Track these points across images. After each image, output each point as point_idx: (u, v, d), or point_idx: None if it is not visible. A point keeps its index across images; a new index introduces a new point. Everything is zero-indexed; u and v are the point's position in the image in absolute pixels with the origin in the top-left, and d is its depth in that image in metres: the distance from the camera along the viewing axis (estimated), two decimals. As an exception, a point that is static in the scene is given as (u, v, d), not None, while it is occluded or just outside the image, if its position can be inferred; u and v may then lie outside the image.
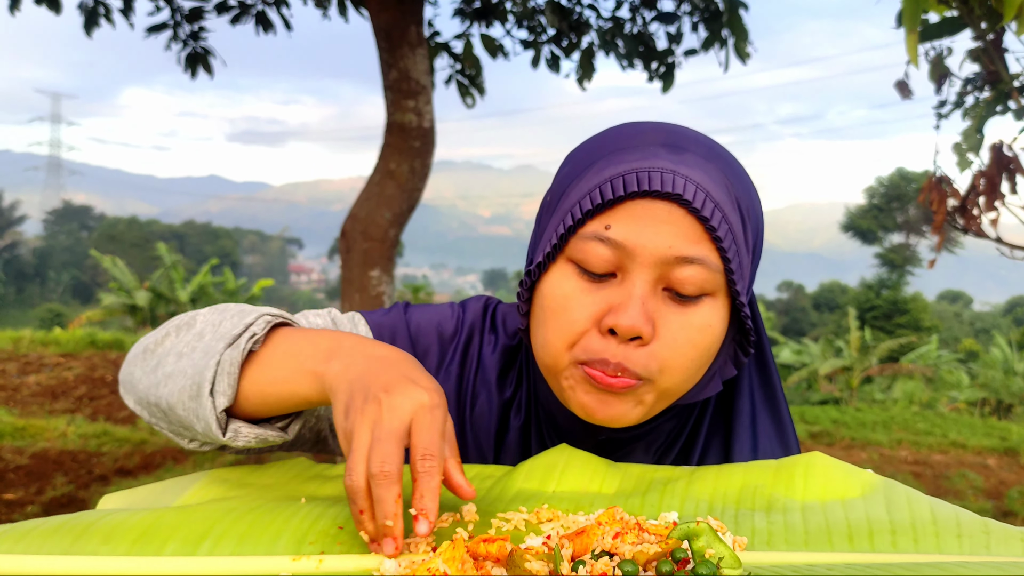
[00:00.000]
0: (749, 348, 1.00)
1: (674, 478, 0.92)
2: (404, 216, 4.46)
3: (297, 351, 0.89)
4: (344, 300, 4.43)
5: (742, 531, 0.81)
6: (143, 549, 0.74)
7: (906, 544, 0.77)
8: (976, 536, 0.78)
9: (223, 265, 27.67)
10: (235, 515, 0.81)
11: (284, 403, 0.88)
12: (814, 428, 11.39)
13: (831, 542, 0.78)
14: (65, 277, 66.85)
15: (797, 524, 0.81)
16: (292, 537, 0.78)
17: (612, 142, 0.94)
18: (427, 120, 4.49)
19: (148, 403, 0.95)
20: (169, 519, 0.79)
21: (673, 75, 6.01)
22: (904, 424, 12.61)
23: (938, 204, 3.78)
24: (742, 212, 0.92)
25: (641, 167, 0.88)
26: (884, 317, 34.15)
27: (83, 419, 8.87)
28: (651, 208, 0.87)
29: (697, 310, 0.90)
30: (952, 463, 9.81)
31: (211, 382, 0.87)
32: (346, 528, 0.79)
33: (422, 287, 33.69)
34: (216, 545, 0.76)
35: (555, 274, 0.93)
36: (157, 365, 0.94)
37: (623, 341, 0.88)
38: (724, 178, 0.91)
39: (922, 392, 19.50)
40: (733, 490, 0.89)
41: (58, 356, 13.38)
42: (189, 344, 0.93)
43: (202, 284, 22.04)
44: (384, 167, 4.45)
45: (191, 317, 0.97)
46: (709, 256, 0.88)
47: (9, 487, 6.30)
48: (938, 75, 3.83)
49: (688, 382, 0.94)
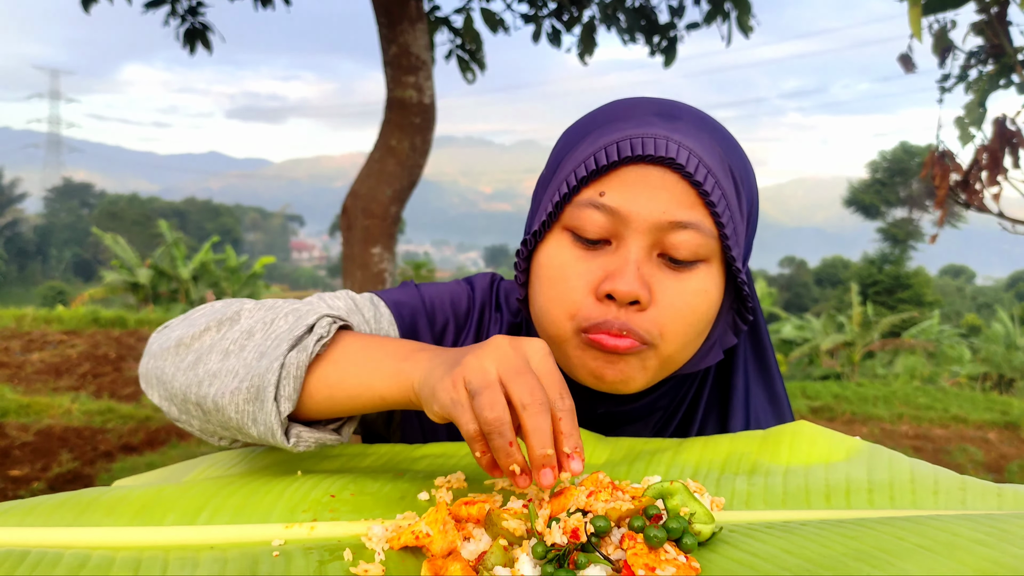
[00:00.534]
0: (748, 316, 1.00)
1: (662, 448, 0.93)
2: (405, 193, 4.45)
3: (370, 353, 0.86)
4: (346, 278, 4.43)
5: (723, 493, 0.82)
6: (145, 520, 0.76)
7: (882, 501, 0.78)
8: (952, 492, 0.79)
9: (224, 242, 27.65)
10: (232, 488, 0.83)
11: (355, 403, 0.85)
12: (815, 403, 11.42)
13: (808, 501, 0.79)
14: (67, 255, 66.92)
15: (777, 486, 0.83)
16: (286, 506, 0.80)
17: (606, 115, 0.95)
18: (427, 96, 4.47)
19: (184, 400, 0.90)
20: (170, 493, 0.81)
21: (675, 49, 5.97)
22: (905, 399, 12.64)
23: (940, 179, 3.76)
24: (736, 180, 0.93)
25: (635, 134, 0.89)
26: (886, 292, 34.13)
27: (87, 396, 8.91)
28: (645, 174, 0.88)
29: (692, 275, 0.91)
30: (953, 437, 9.85)
31: (275, 386, 0.83)
32: (338, 496, 0.81)
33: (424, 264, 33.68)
34: (214, 515, 0.78)
35: (551, 243, 0.94)
36: (196, 362, 0.89)
37: (622, 306, 0.89)
38: (717, 146, 0.92)
39: (924, 367, 19.54)
40: (719, 458, 0.90)
41: (61, 334, 13.42)
42: (236, 342, 0.89)
43: (204, 262, 22.05)
44: (385, 144, 4.43)
45: (234, 312, 0.93)
46: (703, 221, 0.89)
47: (15, 464, 6.34)
48: (941, 48, 3.80)
49: (688, 348, 0.94)
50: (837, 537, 0.67)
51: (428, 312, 1.10)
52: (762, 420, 1.09)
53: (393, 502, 0.81)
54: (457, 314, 1.11)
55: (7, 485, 5.81)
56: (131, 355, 11.87)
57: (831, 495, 0.80)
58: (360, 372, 0.84)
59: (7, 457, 6.48)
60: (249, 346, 0.88)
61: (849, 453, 0.88)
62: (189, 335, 0.92)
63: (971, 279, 68.63)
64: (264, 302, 0.95)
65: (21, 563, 0.66)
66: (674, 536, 0.66)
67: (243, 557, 0.69)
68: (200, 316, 0.95)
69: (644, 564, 0.63)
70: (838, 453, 0.89)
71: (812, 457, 0.88)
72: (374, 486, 0.85)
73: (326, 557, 0.69)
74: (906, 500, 0.78)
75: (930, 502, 0.78)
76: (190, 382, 0.89)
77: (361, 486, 0.85)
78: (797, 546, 0.66)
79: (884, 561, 0.62)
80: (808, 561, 0.63)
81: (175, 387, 0.91)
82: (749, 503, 0.80)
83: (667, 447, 0.93)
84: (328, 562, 0.68)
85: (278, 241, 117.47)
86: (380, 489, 0.84)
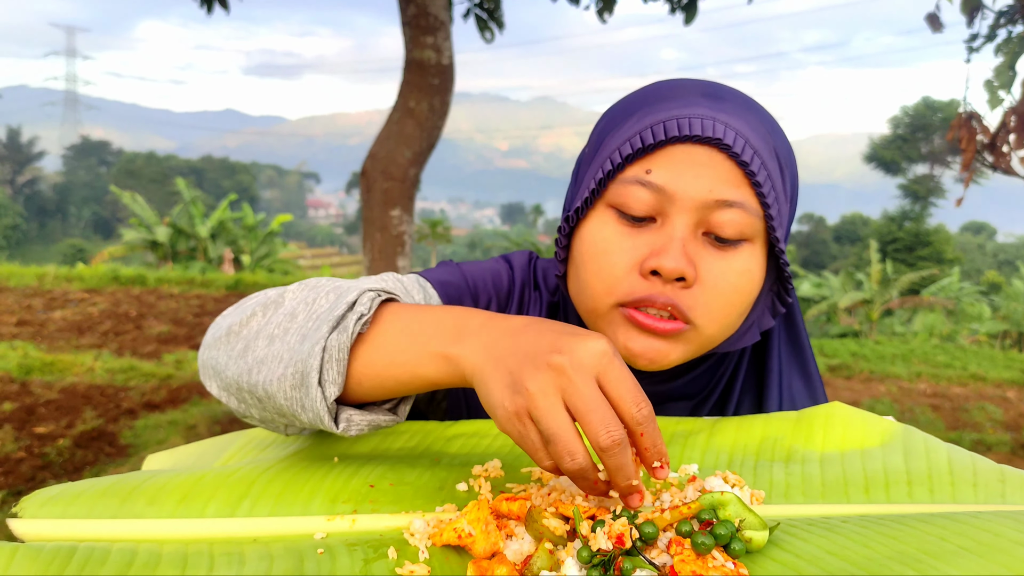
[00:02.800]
0: (787, 298, 1.00)
1: (696, 430, 0.93)
2: (424, 155, 4.43)
3: (416, 331, 0.82)
4: (365, 240, 4.43)
5: (760, 483, 0.82)
6: (186, 511, 0.77)
7: (922, 494, 0.78)
8: (991, 485, 0.79)
9: (241, 200, 27.73)
10: (271, 475, 0.84)
11: (403, 387, 0.82)
12: (833, 361, 11.41)
13: (847, 494, 0.79)
14: (86, 213, 67.29)
15: (815, 475, 0.83)
16: (326, 496, 0.80)
17: (651, 94, 0.95)
18: (446, 57, 4.43)
19: (239, 390, 0.89)
20: (210, 480, 0.82)
21: (696, 6, 5.87)
22: (924, 357, 12.62)
23: (967, 142, 3.70)
24: (780, 161, 0.93)
25: (681, 114, 0.89)
26: (906, 249, 33.89)
27: (109, 354, 9.02)
28: (691, 153, 0.88)
29: (737, 255, 0.90)
30: (971, 396, 9.83)
31: (318, 371, 0.80)
32: (377, 486, 0.82)
33: (439, 222, 33.67)
34: (254, 506, 0.78)
35: (594, 220, 0.94)
36: (246, 349, 0.88)
37: (667, 283, 0.89)
38: (762, 127, 0.92)
39: (943, 325, 19.45)
40: (753, 442, 0.90)
41: (82, 292, 13.55)
42: (280, 326, 0.87)
43: (221, 220, 22.13)
44: (403, 105, 4.41)
45: (278, 295, 0.92)
46: (749, 201, 0.89)
47: (40, 421, 6.44)
48: (970, 7, 3.72)
49: (729, 329, 0.94)
50: (879, 537, 0.67)
51: (472, 292, 1.09)
52: (797, 400, 1.09)
53: (432, 492, 0.81)
54: (499, 294, 1.11)
55: (33, 442, 5.92)
56: (151, 313, 11.98)
57: (870, 487, 0.80)
58: (406, 357, 0.81)
59: (32, 414, 6.59)
60: (292, 329, 0.86)
61: (883, 438, 0.88)
62: (238, 322, 0.91)
63: (992, 236, 67.98)
64: (307, 282, 0.93)
65: (70, 561, 0.67)
66: (722, 542, 0.66)
67: (288, 553, 0.70)
68: (250, 302, 0.94)
69: (692, 571, 0.63)
70: (872, 437, 0.88)
71: (847, 442, 0.88)
72: (412, 474, 0.85)
73: (371, 555, 0.69)
74: (945, 493, 0.78)
75: (970, 495, 0.78)
76: (241, 371, 0.88)
77: (399, 475, 0.85)
78: (839, 547, 0.66)
79: (927, 564, 0.62)
80: (851, 563, 0.64)
81: (229, 377, 0.90)
82: (788, 495, 0.80)
83: (701, 428, 0.94)
84: (373, 560, 0.69)
85: (295, 199, 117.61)
86: (418, 478, 0.84)
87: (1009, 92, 3.66)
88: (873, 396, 9.51)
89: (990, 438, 7.66)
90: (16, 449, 5.76)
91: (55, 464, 5.55)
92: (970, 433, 7.79)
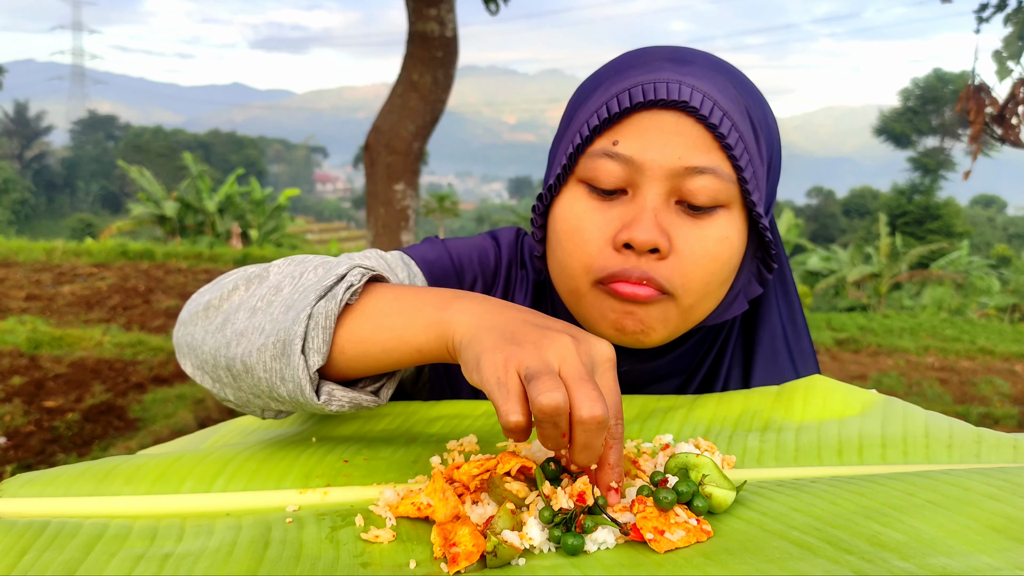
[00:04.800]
0: (772, 264, 0.98)
1: (676, 406, 0.92)
2: (428, 128, 4.40)
3: (405, 302, 0.80)
4: (370, 214, 4.42)
5: (734, 451, 0.81)
6: (163, 488, 0.78)
7: (895, 456, 0.78)
8: (967, 445, 0.79)
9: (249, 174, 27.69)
10: (247, 454, 0.84)
11: (389, 356, 0.80)
12: (840, 335, 11.39)
13: (820, 457, 0.79)
14: (94, 187, 67.38)
15: (789, 442, 0.82)
16: (300, 472, 0.80)
17: (616, 65, 0.93)
18: (450, 29, 4.39)
19: (215, 366, 0.86)
20: (187, 460, 0.82)
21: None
22: (932, 330, 12.59)
23: (975, 113, 3.66)
24: (753, 122, 0.90)
25: (646, 79, 0.87)
26: (915, 223, 33.72)
27: (118, 328, 9.06)
28: (658, 120, 0.86)
29: (712, 222, 0.88)
30: (979, 369, 9.82)
31: (302, 338, 0.78)
32: (351, 461, 0.82)
33: (447, 196, 33.62)
34: (229, 482, 0.79)
35: (566, 197, 0.92)
36: (224, 322, 0.85)
37: (641, 255, 0.87)
38: (732, 88, 0.89)
39: (951, 298, 19.39)
40: (733, 415, 0.90)
41: (91, 266, 13.60)
42: (264, 298, 0.85)
43: (229, 194, 22.13)
44: (407, 78, 4.38)
45: (262, 269, 0.90)
46: (721, 165, 0.86)
47: (49, 395, 6.49)
48: (980, -24, 3.67)
49: (710, 298, 0.92)
50: (846, 494, 0.67)
51: (457, 270, 1.07)
52: (788, 376, 1.06)
53: (406, 466, 0.81)
54: (485, 272, 1.09)
55: (42, 416, 5.97)
56: (159, 288, 12.02)
57: (843, 451, 0.80)
58: (394, 323, 0.79)
59: (41, 388, 6.64)
60: (277, 301, 0.83)
61: (863, 407, 0.88)
62: (218, 296, 0.89)
63: (1002, 209, 67.56)
64: (293, 257, 0.91)
65: (41, 534, 0.67)
66: (684, 499, 0.66)
67: (257, 524, 0.70)
68: (230, 278, 0.92)
69: (653, 527, 0.63)
70: (852, 407, 0.88)
71: (826, 412, 0.88)
72: (387, 451, 0.85)
73: (338, 523, 0.70)
74: (919, 455, 0.78)
75: (944, 456, 0.77)
76: (219, 344, 0.85)
77: (374, 451, 0.85)
78: (806, 504, 0.66)
79: (893, 518, 0.62)
80: (817, 519, 0.63)
81: (205, 352, 0.87)
82: (760, 460, 0.80)
83: (681, 404, 0.93)
84: (340, 528, 0.69)
85: (302, 173, 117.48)
86: (393, 454, 0.84)
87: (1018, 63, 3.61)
88: (880, 370, 9.50)
89: (998, 411, 7.65)
90: (25, 423, 5.81)
91: (64, 438, 5.60)
92: (978, 407, 7.78)
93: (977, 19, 3.76)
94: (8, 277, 12.34)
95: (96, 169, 68.34)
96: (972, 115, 3.68)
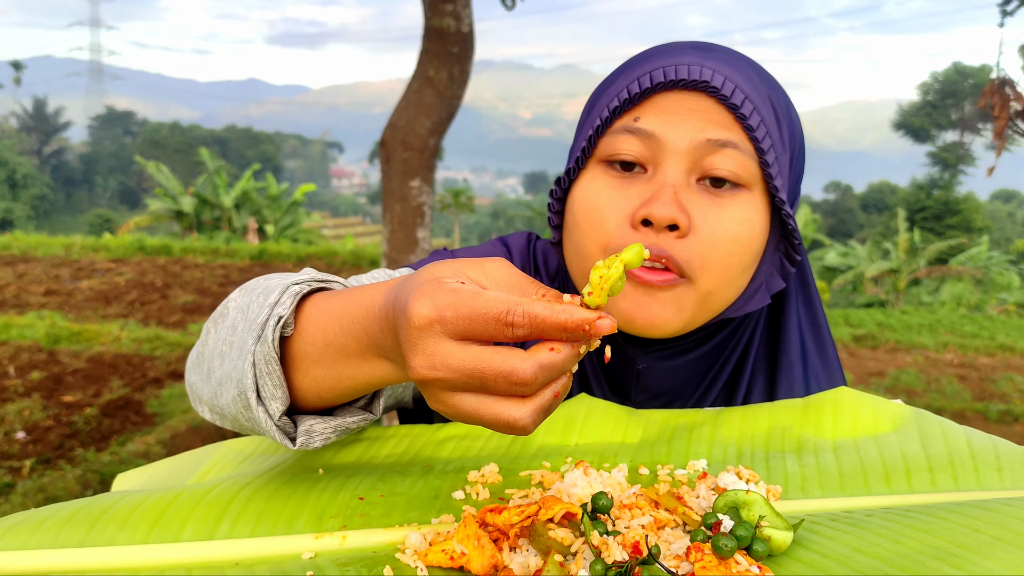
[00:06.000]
0: (796, 256, 0.94)
1: (699, 423, 0.88)
2: (444, 124, 4.38)
3: (341, 312, 0.71)
4: (385, 211, 4.42)
5: (774, 477, 0.77)
6: (161, 535, 0.71)
7: (945, 482, 0.74)
8: (1016, 468, 0.75)
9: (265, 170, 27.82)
10: (250, 491, 0.77)
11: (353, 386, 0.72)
12: (858, 331, 11.31)
13: (867, 484, 0.75)
14: (112, 182, 67.86)
15: (830, 466, 0.78)
16: (312, 512, 0.73)
17: (640, 55, 0.93)
18: (466, 24, 4.37)
19: (221, 415, 0.83)
20: (184, 500, 0.75)
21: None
22: (951, 327, 12.49)
23: (1000, 108, 3.61)
24: (776, 109, 0.89)
25: (668, 63, 0.87)
26: (934, 218, 33.46)
27: (135, 324, 9.11)
28: (680, 99, 0.86)
29: (734, 202, 0.86)
30: (999, 366, 9.72)
31: (254, 389, 0.72)
32: (367, 498, 0.76)
33: (463, 191, 33.61)
34: (234, 527, 0.72)
35: (585, 178, 0.91)
36: (209, 371, 0.82)
37: (659, 232, 0.84)
38: (755, 75, 0.89)
39: (970, 294, 19.23)
40: (761, 432, 0.86)
41: (109, 261, 13.70)
42: (226, 341, 0.80)
43: (245, 189, 22.22)
44: (423, 74, 4.36)
45: (224, 305, 0.84)
46: (742, 142, 0.85)
47: (68, 390, 6.53)
48: (1004, -32, 3.61)
49: (730, 284, 0.89)
50: (908, 531, 0.63)
51: None
52: (813, 384, 1.02)
53: (426, 503, 0.75)
54: None
55: (61, 411, 6.00)
56: (176, 283, 12.08)
57: (890, 476, 0.76)
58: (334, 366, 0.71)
59: (60, 383, 6.68)
60: (235, 342, 0.77)
61: (895, 422, 0.84)
62: (201, 341, 0.85)
63: (1023, 204, 66.93)
64: (248, 284, 0.85)
65: None
66: (743, 544, 0.62)
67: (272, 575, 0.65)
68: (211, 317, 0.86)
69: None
70: (884, 422, 0.84)
71: (857, 428, 0.84)
72: (403, 484, 0.79)
73: (363, 574, 0.64)
74: (970, 479, 0.74)
75: (995, 481, 0.74)
76: (211, 395, 0.81)
77: (390, 485, 0.78)
78: (868, 543, 0.63)
79: (965, 559, 0.58)
80: (882, 561, 0.60)
81: (206, 400, 0.83)
82: (805, 488, 0.75)
83: (704, 420, 0.88)
84: None
85: (318, 168, 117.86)
86: (411, 488, 0.78)
87: (1045, 57, 3.56)
88: (899, 366, 9.43)
89: (1017, 408, 7.58)
90: (44, 418, 5.85)
91: (82, 433, 5.63)
92: (997, 404, 7.71)
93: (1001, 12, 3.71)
94: (27, 272, 12.44)
95: (114, 165, 68.79)
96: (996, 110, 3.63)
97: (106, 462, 5.06)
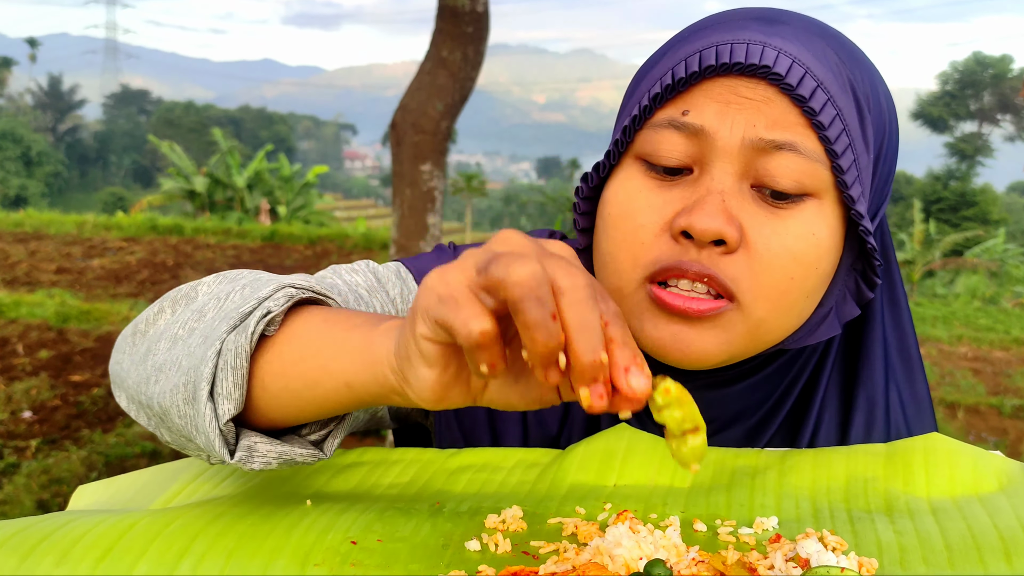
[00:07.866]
0: (875, 278, 0.78)
1: (762, 467, 0.75)
2: (457, 107, 4.31)
3: (333, 328, 0.64)
4: (395, 195, 4.36)
5: (864, 545, 0.64)
6: (109, 569, 0.59)
7: None
8: None
9: (278, 151, 27.78)
10: (223, 523, 0.65)
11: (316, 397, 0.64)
12: (872, 323, 11.23)
13: (982, 562, 0.61)
14: (126, 161, 68.08)
15: (932, 534, 0.65)
16: (294, 554, 0.62)
17: (695, 26, 0.77)
18: (481, 3, 4.29)
19: (140, 403, 0.72)
20: (142, 529, 0.64)
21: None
22: (965, 319, 12.39)
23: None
24: (858, 98, 0.73)
25: (723, 40, 0.71)
26: (950, 209, 33.21)
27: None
28: (735, 87, 0.70)
29: (796, 213, 0.71)
30: (1014, 360, 9.63)
31: (209, 381, 0.63)
32: (360, 543, 0.64)
33: (475, 175, 33.51)
34: (199, 564, 0.61)
35: (619, 177, 0.76)
36: (147, 353, 0.71)
37: (703, 247, 0.70)
38: (834, 56, 0.73)
39: (986, 287, 19.06)
40: (838, 483, 0.72)
41: (121, 240, 13.72)
42: (186, 325, 0.70)
43: (258, 170, 22.22)
44: (436, 55, 4.28)
45: (191, 288, 0.75)
46: (808, 144, 0.70)
47: (76, 369, 6.52)
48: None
49: (788, 313, 0.74)
50: None
51: None
52: (902, 428, 0.87)
53: (433, 553, 0.63)
54: None
55: (68, 390, 5.99)
56: (188, 263, 12.10)
57: (1012, 553, 0.61)
58: (319, 352, 0.63)
59: (68, 363, 6.67)
60: (199, 329, 0.68)
61: (1001, 479, 0.72)
62: (144, 320, 0.75)
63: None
64: (229, 273, 0.76)
65: None
66: None
67: None
68: (164, 297, 0.77)
69: None
70: (987, 480, 0.71)
71: (956, 486, 0.71)
72: (407, 527, 0.66)
73: None
74: None
75: None
76: (140, 378, 0.71)
77: (390, 527, 0.66)
78: None
79: None
80: None
81: (130, 385, 0.72)
82: (905, 564, 0.62)
83: (768, 465, 0.75)
84: None
85: (331, 150, 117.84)
86: (415, 532, 0.66)
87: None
88: (912, 359, 9.34)
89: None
90: (51, 397, 5.83)
91: (89, 413, 5.62)
92: (1012, 399, 7.62)
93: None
94: (39, 250, 12.47)
95: (128, 143, 68.97)
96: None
97: (112, 444, 5.04)
